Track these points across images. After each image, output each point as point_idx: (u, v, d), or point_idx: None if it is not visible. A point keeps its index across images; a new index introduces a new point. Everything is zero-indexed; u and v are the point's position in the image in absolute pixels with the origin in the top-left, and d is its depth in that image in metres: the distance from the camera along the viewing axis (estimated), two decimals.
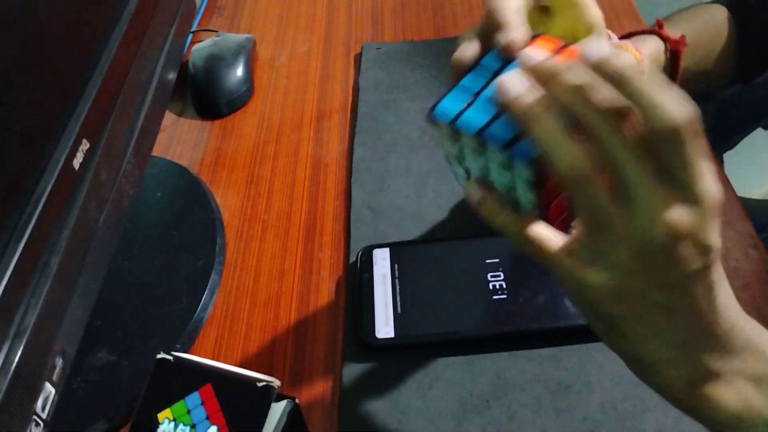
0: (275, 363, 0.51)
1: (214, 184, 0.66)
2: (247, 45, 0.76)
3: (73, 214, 0.39)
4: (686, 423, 0.43)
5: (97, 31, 0.46)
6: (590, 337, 0.48)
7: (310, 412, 0.48)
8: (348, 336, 0.51)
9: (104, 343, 0.52)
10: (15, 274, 0.34)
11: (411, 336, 0.49)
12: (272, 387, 0.34)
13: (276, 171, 0.66)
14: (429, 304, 0.51)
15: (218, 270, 0.57)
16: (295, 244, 0.59)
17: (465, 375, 0.47)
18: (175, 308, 0.54)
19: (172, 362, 0.36)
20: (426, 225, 0.57)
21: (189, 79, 0.75)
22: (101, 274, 0.44)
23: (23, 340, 0.34)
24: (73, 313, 0.39)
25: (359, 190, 0.61)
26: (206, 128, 0.72)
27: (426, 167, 0.62)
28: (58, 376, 0.37)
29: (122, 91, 0.47)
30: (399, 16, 0.82)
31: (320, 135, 0.69)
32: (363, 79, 0.73)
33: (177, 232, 0.60)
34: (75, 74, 0.43)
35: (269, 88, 0.76)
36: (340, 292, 0.55)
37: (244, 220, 0.62)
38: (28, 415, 0.34)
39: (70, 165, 0.39)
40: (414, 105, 0.69)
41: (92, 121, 0.42)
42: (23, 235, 0.35)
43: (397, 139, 0.65)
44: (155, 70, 0.54)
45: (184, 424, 0.34)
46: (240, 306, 0.55)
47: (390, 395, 0.47)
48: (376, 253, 0.55)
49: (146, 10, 0.53)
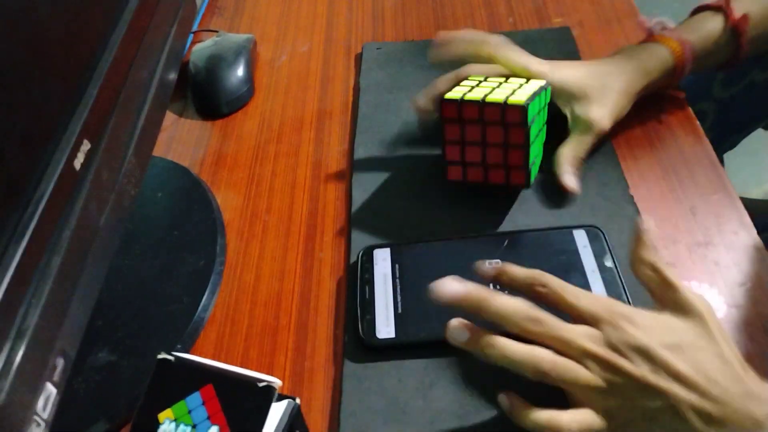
0: (276, 363, 0.51)
1: (214, 185, 0.66)
2: (248, 45, 0.76)
3: (74, 215, 0.39)
4: None
5: (97, 31, 0.46)
6: None
7: (311, 412, 0.48)
8: (348, 336, 0.51)
9: (105, 344, 0.52)
10: (16, 275, 0.34)
11: (411, 336, 0.49)
12: (273, 387, 0.34)
13: (277, 171, 0.66)
14: (430, 304, 0.50)
15: (219, 270, 0.57)
16: (295, 244, 0.59)
17: (465, 375, 0.47)
18: (175, 308, 0.54)
19: (173, 362, 0.36)
20: (426, 225, 0.57)
21: (190, 79, 0.75)
22: (102, 275, 0.44)
23: (24, 340, 0.34)
24: (74, 313, 0.39)
25: (360, 190, 0.61)
26: (207, 128, 0.72)
27: (426, 167, 0.62)
28: (59, 376, 0.37)
29: (123, 92, 0.47)
30: (399, 15, 0.82)
31: (321, 135, 0.69)
32: (363, 79, 0.73)
33: (178, 232, 0.60)
34: (76, 74, 0.43)
35: (270, 88, 0.76)
36: (340, 292, 0.55)
37: (244, 220, 0.62)
38: (29, 415, 0.34)
39: (71, 165, 0.39)
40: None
41: (93, 121, 0.42)
42: (24, 235, 0.35)
43: (397, 139, 0.65)
44: (156, 70, 0.54)
45: (185, 424, 0.34)
46: (241, 306, 0.55)
47: (390, 395, 0.47)
48: (376, 254, 0.55)
49: (147, 10, 0.53)
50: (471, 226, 0.57)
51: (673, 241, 0.53)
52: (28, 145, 0.37)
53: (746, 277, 0.50)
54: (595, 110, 0.57)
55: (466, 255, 0.53)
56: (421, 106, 0.60)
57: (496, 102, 0.52)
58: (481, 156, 0.55)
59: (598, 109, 0.57)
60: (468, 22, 0.78)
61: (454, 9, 0.81)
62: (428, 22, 0.80)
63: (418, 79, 0.71)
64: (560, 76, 0.58)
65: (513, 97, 0.52)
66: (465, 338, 0.41)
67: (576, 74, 0.58)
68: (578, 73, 0.58)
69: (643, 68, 0.59)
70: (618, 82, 0.58)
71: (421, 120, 0.64)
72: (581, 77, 0.58)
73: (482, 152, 0.55)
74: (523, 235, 0.54)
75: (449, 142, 0.56)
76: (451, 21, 0.79)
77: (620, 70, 0.59)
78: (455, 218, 0.57)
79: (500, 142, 0.54)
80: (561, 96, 0.58)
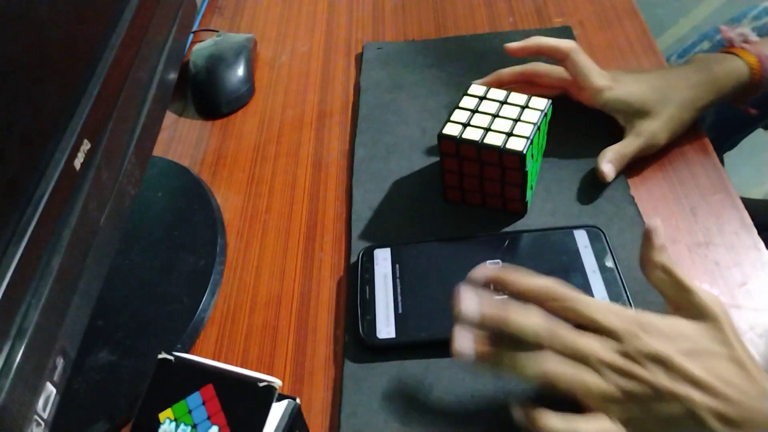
0: (276, 363, 0.51)
1: (214, 184, 0.66)
2: (248, 45, 0.76)
3: (74, 214, 0.39)
4: None
5: (97, 31, 0.46)
6: None
7: (311, 412, 0.48)
8: (349, 336, 0.51)
9: (105, 343, 0.52)
10: (16, 274, 0.34)
11: (412, 336, 0.49)
12: (273, 387, 0.34)
13: (277, 171, 0.66)
14: (430, 304, 0.51)
15: (219, 270, 0.57)
16: (296, 245, 0.59)
17: (466, 375, 0.47)
18: (176, 308, 0.54)
19: (173, 362, 0.36)
20: (427, 225, 0.57)
21: (190, 79, 0.75)
22: (102, 274, 0.44)
23: (24, 340, 0.34)
24: (74, 313, 0.39)
25: (360, 190, 0.61)
26: (207, 128, 0.72)
27: (427, 167, 0.62)
28: (59, 376, 0.37)
29: (123, 91, 0.47)
30: (400, 15, 0.82)
31: (321, 135, 0.69)
32: (364, 79, 0.73)
33: (178, 232, 0.60)
34: (76, 74, 0.42)
35: (270, 88, 0.76)
36: (341, 293, 0.55)
37: (245, 220, 0.62)
38: (30, 415, 0.34)
39: (71, 165, 0.39)
40: (415, 105, 0.69)
41: (93, 121, 0.42)
42: (24, 235, 0.35)
43: (398, 139, 0.65)
44: (156, 69, 0.54)
45: (185, 424, 0.34)
46: (241, 306, 0.55)
47: (390, 395, 0.47)
48: (377, 254, 0.55)
49: (147, 10, 0.53)
50: (471, 226, 0.56)
51: (674, 241, 0.53)
52: (28, 145, 0.37)
53: (747, 277, 0.50)
54: (652, 125, 0.56)
55: (466, 255, 0.53)
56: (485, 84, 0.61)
57: (494, 146, 0.52)
58: (479, 186, 0.56)
59: (655, 124, 0.56)
60: (468, 22, 0.78)
61: (454, 9, 0.81)
62: (428, 22, 0.80)
63: (418, 79, 0.71)
64: (619, 94, 0.57)
65: (511, 139, 0.52)
66: (472, 359, 0.41)
67: (637, 90, 0.57)
68: (640, 88, 0.57)
69: (713, 82, 0.57)
70: (681, 96, 0.57)
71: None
72: (642, 92, 0.57)
73: (480, 184, 0.56)
74: (523, 235, 0.54)
75: (447, 171, 0.56)
76: (451, 21, 0.79)
77: (686, 83, 0.57)
78: (456, 218, 0.57)
79: (497, 179, 0.54)
80: (620, 111, 0.57)
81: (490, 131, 0.53)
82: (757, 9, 0.86)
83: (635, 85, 0.57)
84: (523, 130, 0.53)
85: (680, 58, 0.88)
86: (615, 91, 0.57)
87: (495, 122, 0.54)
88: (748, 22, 0.85)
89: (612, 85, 0.57)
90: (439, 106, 0.68)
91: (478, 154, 0.53)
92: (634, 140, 0.57)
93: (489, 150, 0.52)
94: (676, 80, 0.57)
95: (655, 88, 0.57)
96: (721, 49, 0.60)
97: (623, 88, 0.57)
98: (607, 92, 0.57)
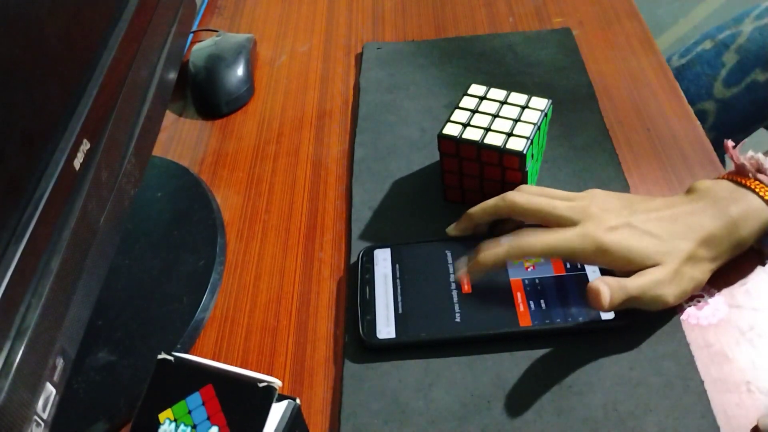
0: (276, 363, 0.51)
1: (214, 184, 0.66)
2: (248, 45, 0.76)
3: (73, 214, 0.39)
4: (688, 424, 0.43)
5: (97, 31, 0.46)
6: (592, 336, 0.48)
7: (311, 412, 0.48)
8: (349, 336, 0.51)
9: (105, 344, 0.52)
10: (16, 274, 0.34)
11: (412, 336, 0.49)
12: (273, 387, 0.34)
13: (276, 171, 0.66)
14: (430, 304, 0.51)
15: (219, 270, 0.57)
16: (295, 245, 0.59)
17: (466, 375, 0.47)
18: (175, 308, 0.54)
19: (172, 362, 0.36)
20: (427, 225, 0.57)
21: (189, 79, 0.75)
22: (102, 274, 0.44)
23: (24, 340, 0.34)
24: (73, 313, 0.39)
25: (360, 190, 0.61)
26: (207, 128, 0.72)
27: (427, 167, 0.62)
28: (59, 376, 0.37)
29: (123, 91, 0.47)
30: (400, 15, 0.82)
31: (321, 135, 0.69)
32: (363, 79, 0.73)
33: (177, 232, 0.60)
34: (75, 74, 0.42)
35: (270, 88, 0.76)
36: (341, 293, 0.55)
37: (244, 220, 0.62)
38: (29, 415, 0.34)
39: (71, 165, 0.39)
40: (414, 105, 0.69)
41: (93, 121, 0.42)
42: (24, 235, 0.35)
43: (397, 139, 0.65)
44: (156, 69, 0.54)
45: (185, 425, 0.34)
46: (241, 306, 0.55)
47: (390, 395, 0.47)
48: (377, 254, 0.54)
49: (146, 10, 0.53)
50: None
51: None
52: (28, 145, 0.37)
53: (747, 277, 0.50)
54: (661, 288, 0.45)
55: (466, 255, 0.53)
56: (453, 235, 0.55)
57: (494, 147, 0.52)
58: (479, 186, 0.56)
59: (663, 287, 0.45)
60: (468, 23, 0.78)
61: (454, 9, 0.81)
62: (428, 22, 0.80)
63: (418, 79, 0.71)
64: (637, 284, 0.45)
65: (511, 140, 0.52)
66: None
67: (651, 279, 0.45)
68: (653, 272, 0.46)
69: (734, 232, 0.46)
70: (689, 248, 0.46)
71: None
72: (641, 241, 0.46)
73: (480, 184, 0.56)
74: None
75: (447, 171, 0.56)
76: (451, 21, 0.79)
77: (698, 235, 0.46)
78: (456, 218, 0.57)
79: (498, 179, 0.54)
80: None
81: (490, 131, 0.53)
82: (758, 9, 0.86)
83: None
84: (523, 131, 0.53)
85: (681, 57, 0.88)
86: (635, 284, 0.45)
87: (495, 122, 0.54)
88: (749, 22, 0.85)
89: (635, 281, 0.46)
90: (439, 106, 0.68)
91: (478, 154, 0.53)
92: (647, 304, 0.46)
93: (489, 150, 0.52)
94: (685, 228, 0.47)
95: (663, 240, 0.46)
96: (730, 176, 0.50)
97: (640, 279, 0.46)
98: (628, 290, 0.45)
